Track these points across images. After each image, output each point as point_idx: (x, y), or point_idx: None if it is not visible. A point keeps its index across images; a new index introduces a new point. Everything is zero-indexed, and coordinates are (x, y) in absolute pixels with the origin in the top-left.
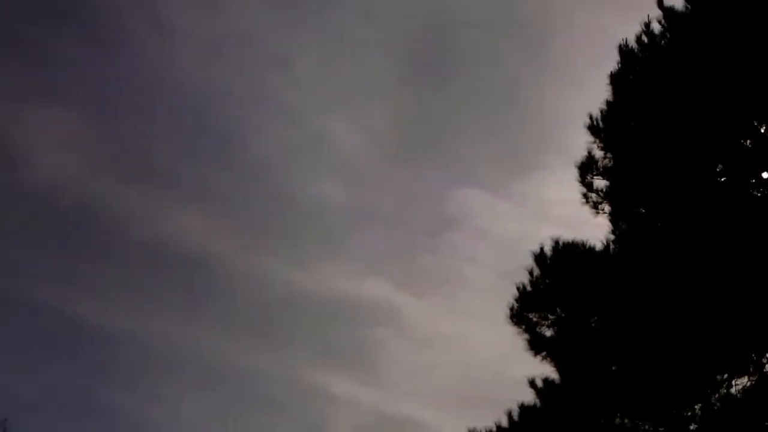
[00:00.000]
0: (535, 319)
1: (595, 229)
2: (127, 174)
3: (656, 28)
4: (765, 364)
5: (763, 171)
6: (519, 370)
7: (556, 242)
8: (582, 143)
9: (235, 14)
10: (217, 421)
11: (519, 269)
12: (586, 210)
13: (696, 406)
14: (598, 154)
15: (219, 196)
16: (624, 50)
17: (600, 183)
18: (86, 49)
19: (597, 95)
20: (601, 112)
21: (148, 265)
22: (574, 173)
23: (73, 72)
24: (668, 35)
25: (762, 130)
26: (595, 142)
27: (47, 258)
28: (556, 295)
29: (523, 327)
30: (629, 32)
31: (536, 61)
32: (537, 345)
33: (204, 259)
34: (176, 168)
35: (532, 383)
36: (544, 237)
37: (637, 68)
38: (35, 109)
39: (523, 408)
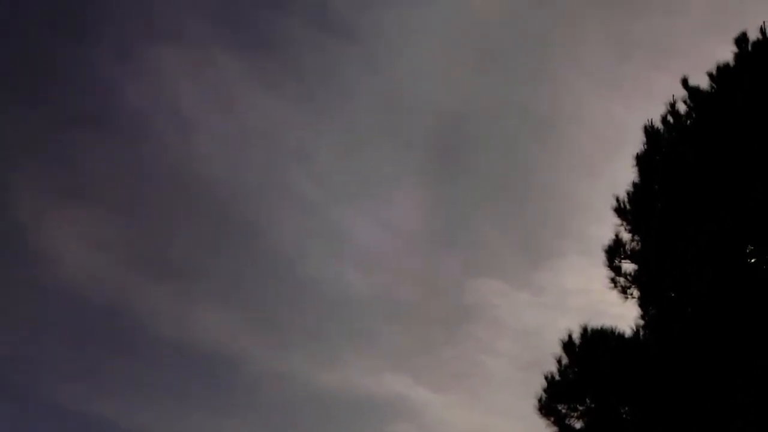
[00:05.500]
0: (564, 411)
1: (616, 320)
2: (151, 271)
3: (681, 108)
4: None
5: None
6: None
7: (585, 329)
8: (598, 232)
9: (253, 110)
10: None
11: (540, 361)
12: (614, 295)
13: None
14: (626, 236)
15: (242, 291)
16: (649, 131)
17: (628, 267)
18: (109, 147)
19: (611, 182)
20: (628, 194)
21: (172, 362)
22: (593, 261)
23: (96, 171)
24: (694, 115)
25: None
26: (622, 224)
27: (70, 355)
28: (586, 384)
29: (552, 419)
30: (638, 121)
31: (549, 150)
32: None
33: (228, 355)
34: (199, 264)
35: None
36: (564, 327)
37: (663, 149)
38: (61, 208)
39: None
